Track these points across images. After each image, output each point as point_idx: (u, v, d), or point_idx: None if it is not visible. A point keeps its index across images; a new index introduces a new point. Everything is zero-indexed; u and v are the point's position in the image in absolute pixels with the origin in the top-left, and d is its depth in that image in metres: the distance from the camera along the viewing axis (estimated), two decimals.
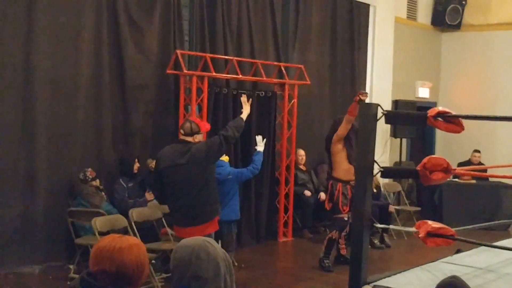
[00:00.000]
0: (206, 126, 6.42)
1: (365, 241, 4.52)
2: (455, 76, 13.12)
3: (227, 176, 6.95)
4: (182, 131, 5.92)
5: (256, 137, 7.45)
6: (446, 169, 4.54)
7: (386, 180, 10.65)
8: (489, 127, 12.10)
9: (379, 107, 4.55)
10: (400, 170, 5.93)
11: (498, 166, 9.71)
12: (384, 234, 9.17)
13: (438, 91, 13.14)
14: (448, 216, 10.15)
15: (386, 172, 4.87)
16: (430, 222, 4.62)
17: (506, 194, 10.63)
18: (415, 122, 5.53)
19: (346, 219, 7.56)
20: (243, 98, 6.43)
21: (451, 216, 10.15)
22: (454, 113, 4.57)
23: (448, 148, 12.62)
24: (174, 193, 5.85)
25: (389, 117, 4.66)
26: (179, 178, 5.76)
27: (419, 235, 4.53)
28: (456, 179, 10.98)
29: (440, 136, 12.88)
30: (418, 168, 4.58)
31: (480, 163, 10.92)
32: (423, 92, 12.69)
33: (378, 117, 4.53)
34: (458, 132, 4.62)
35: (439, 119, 4.52)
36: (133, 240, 2.41)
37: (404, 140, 11.91)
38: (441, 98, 13.02)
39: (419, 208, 10.81)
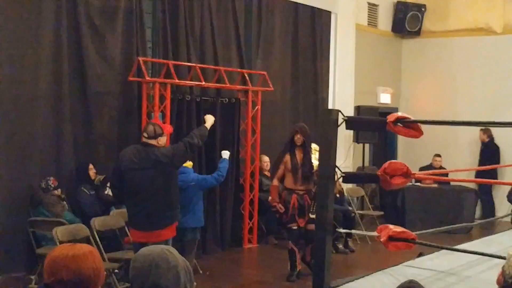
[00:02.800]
0: (168, 128, 6.40)
1: (327, 246, 4.56)
2: (415, 82, 13.31)
3: (190, 183, 6.92)
4: (145, 134, 5.89)
5: (223, 152, 7.37)
6: (406, 174, 4.62)
7: (350, 185, 10.73)
8: (449, 132, 12.29)
9: (339, 113, 4.60)
10: (361, 175, 6.00)
11: (458, 170, 9.89)
12: (348, 239, 9.23)
13: (399, 96, 13.30)
14: (411, 220, 10.27)
15: (347, 178, 4.93)
16: (391, 226, 4.69)
17: (467, 197, 10.79)
18: (375, 127, 5.61)
19: (295, 228, 7.38)
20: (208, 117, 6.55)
21: (414, 220, 10.27)
22: (413, 118, 4.65)
23: (410, 153, 12.76)
24: (135, 196, 5.82)
25: (350, 123, 4.72)
26: (141, 181, 5.74)
27: (381, 239, 4.59)
28: (418, 183, 11.12)
29: (402, 141, 13.03)
30: (378, 173, 4.65)
31: (441, 167, 11.07)
32: (385, 98, 12.83)
33: (339, 123, 4.58)
34: (417, 137, 4.70)
35: (399, 124, 4.60)
36: (86, 247, 2.40)
37: (366, 146, 12.02)
38: (402, 103, 13.18)
39: (382, 213, 10.92)
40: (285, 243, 9.52)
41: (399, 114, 4.71)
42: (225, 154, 7.20)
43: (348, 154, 11.52)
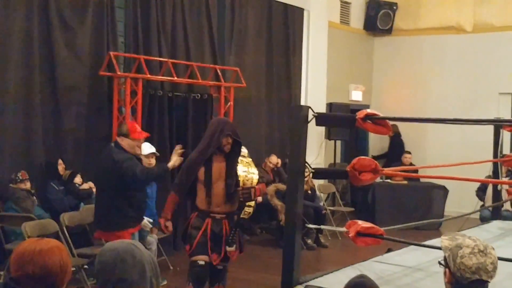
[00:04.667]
0: (140, 134, 6.09)
1: (297, 242, 4.57)
2: (387, 80, 13.42)
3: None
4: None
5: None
6: (375, 170, 4.65)
7: (321, 182, 10.79)
8: (419, 129, 12.41)
9: (310, 109, 4.62)
10: (330, 171, 6.04)
11: (427, 167, 10.00)
12: (319, 235, 9.28)
13: (371, 94, 13.40)
14: (381, 216, 10.36)
15: (317, 173, 4.97)
16: (360, 222, 4.72)
17: (436, 194, 10.92)
18: (345, 124, 5.65)
19: (201, 263, 5.26)
20: (177, 148, 5.92)
21: (384, 216, 10.36)
22: (382, 115, 4.69)
23: (381, 148, 12.90)
24: (97, 197, 5.91)
25: (320, 119, 4.74)
26: (99, 179, 5.85)
27: (349, 235, 4.62)
28: (388, 180, 11.22)
29: (373, 138, 13.14)
30: (347, 169, 4.68)
31: (411, 164, 11.19)
32: (356, 95, 12.92)
33: (309, 119, 4.61)
34: (386, 133, 4.75)
35: (368, 121, 4.63)
36: (54, 242, 2.40)
37: (338, 142, 12.10)
38: (373, 101, 13.29)
39: (353, 209, 11.00)
40: (256, 239, 9.63)
41: (369, 110, 4.74)
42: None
43: (320, 151, 11.59)
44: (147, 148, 7.09)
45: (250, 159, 6.04)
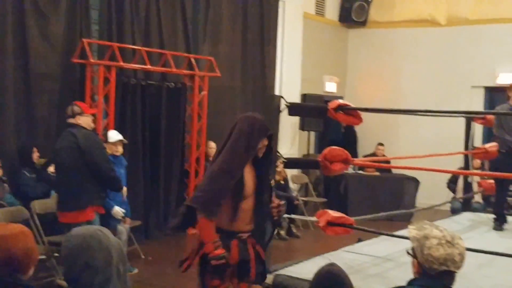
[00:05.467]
0: (90, 109, 6.31)
1: (267, 231, 4.57)
2: (361, 72, 13.48)
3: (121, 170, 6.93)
4: (65, 115, 5.88)
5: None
6: (345, 160, 4.70)
7: (294, 172, 10.83)
8: (392, 121, 12.51)
9: (282, 99, 4.64)
10: (302, 161, 6.06)
11: (399, 158, 10.09)
12: (291, 225, 9.32)
13: (345, 85, 13.45)
14: (353, 207, 10.41)
15: (289, 163, 4.99)
16: (330, 211, 4.77)
17: (408, 185, 11.02)
18: (317, 114, 5.68)
19: None
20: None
21: (356, 207, 10.41)
22: (353, 106, 4.73)
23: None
24: (57, 177, 5.97)
25: (292, 109, 4.78)
26: (59, 161, 5.83)
27: (320, 224, 4.66)
28: (361, 171, 11.30)
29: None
30: (319, 159, 4.72)
31: (384, 156, 11.26)
32: (331, 87, 12.95)
33: (281, 109, 4.62)
34: (357, 124, 4.80)
35: (340, 111, 4.67)
36: (19, 227, 2.40)
37: (312, 133, 12.15)
38: (347, 92, 13.33)
39: (325, 200, 11.06)
40: None
41: (340, 101, 4.78)
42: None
43: (294, 142, 11.65)
44: (114, 135, 7.08)
45: None
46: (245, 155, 3.87)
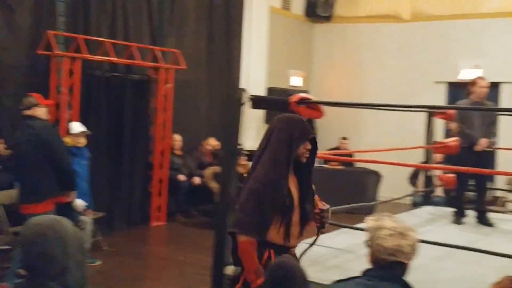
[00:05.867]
0: (46, 100, 6.27)
1: (228, 222, 4.62)
2: (326, 66, 13.57)
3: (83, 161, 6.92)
4: (20, 107, 5.84)
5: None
6: None
7: None
8: (356, 115, 12.64)
9: (244, 92, 4.68)
10: None
11: (361, 151, 10.21)
12: None
13: (311, 80, 13.53)
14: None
15: (251, 156, 5.01)
16: None
17: (370, 179, 11.14)
18: (279, 107, 5.71)
19: None
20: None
21: (322, 199, 10.49)
22: (314, 99, 4.79)
23: (319, 134, 13.06)
24: (16, 169, 5.95)
25: (255, 102, 4.81)
26: (19, 153, 5.79)
27: None
28: (325, 165, 11.40)
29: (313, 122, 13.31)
30: None
31: (347, 150, 11.37)
32: (296, 81, 13.03)
33: (243, 102, 4.66)
34: (318, 117, 4.86)
35: (301, 105, 4.72)
36: None
37: None
38: (313, 87, 13.41)
39: None
40: (193, 221, 9.66)
41: (302, 95, 4.84)
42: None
43: (259, 135, 11.68)
44: (77, 127, 7.05)
45: None
46: (287, 163, 3.43)
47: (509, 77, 11.39)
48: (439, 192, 9.20)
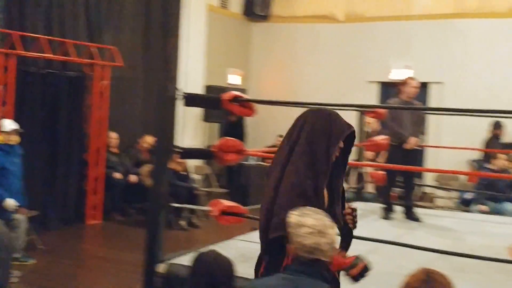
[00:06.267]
0: None
1: (160, 220, 4.67)
2: (264, 65, 13.69)
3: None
4: None
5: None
6: (239, 151, 4.84)
7: (197, 163, 10.94)
8: (293, 114, 12.66)
9: (177, 90, 4.74)
10: (197, 151, 6.12)
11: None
12: (192, 216, 9.42)
13: (249, 78, 13.63)
14: (254, 198, 10.62)
15: (184, 154, 5.09)
16: (223, 201, 4.90)
17: None
18: (212, 105, 5.79)
19: None
20: None
21: (257, 197, 10.59)
22: (247, 97, 4.88)
23: (257, 132, 13.18)
24: None
25: (188, 99, 4.87)
26: None
27: (213, 214, 4.79)
28: (263, 163, 11.51)
29: (250, 121, 13.40)
30: (213, 149, 4.84)
31: None
32: (234, 79, 13.11)
33: (176, 99, 4.71)
34: (250, 115, 4.96)
35: (234, 102, 4.81)
36: None
37: (216, 125, 12.30)
38: (251, 85, 13.53)
39: (227, 190, 11.22)
40: (129, 219, 9.63)
41: (235, 92, 4.93)
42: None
43: (197, 133, 11.75)
44: (8, 124, 6.96)
45: None
46: (327, 160, 3.10)
47: (437, 77, 11.75)
48: (370, 188, 9.46)
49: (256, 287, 2.75)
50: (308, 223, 2.67)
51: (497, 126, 10.61)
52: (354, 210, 3.28)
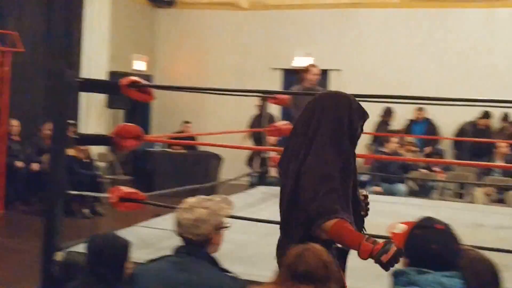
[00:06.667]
0: None
1: (58, 208, 4.62)
2: (171, 51, 13.65)
3: None
4: None
5: None
6: (138, 136, 4.86)
7: (101, 150, 10.82)
8: (198, 100, 12.83)
9: (74, 75, 4.70)
10: (94, 137, 6.04)
11: (200, 134, 10.47)
12: (95, 204, 9.31)
13: (155, 64, 13.56)
14: (160, 184, 10.57)
15: (81, 140, 5.06)
16: (122, 187, 4.92)
17: (212, 162, 11.37)
18: (110, 90, 5.78)
19: None
20: None
21: (163, 184, 10.57)
22: (145, 82, 4.91)
23: (163, 118, 13.17)
24: None
25: (84, 85, 4.84)
26: None
27: (111, 201, 4.80)
28: (169, 149, 11.53)
29: (156, 107, 13.36)
30: (111, 135, 4.84)
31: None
32: (140, 65, 13.01)
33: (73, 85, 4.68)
34: (149, 100, 4.99)
35: (132, 88, 4.83)
36: None
37: (121, 111, 12.18)
38: (157, 71, 13.47)
39: (131, 177, 11.13)
40: (32, 209, 9.42)
41: (133, 78, 4.94)
42: None
43: (100, 120, 11.60)
44: None
45: None
46: (352, 146, 3.00)
47: (337, 64, 12.11)
48: (273, 172, 9.63)
49: (142, 271, 2.80)
50: (187, 202, 2.82)
51: (387, 112, 11.20)
52: (366, 197, 3.22)
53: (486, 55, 11.38)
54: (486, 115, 10.72)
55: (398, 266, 2.44)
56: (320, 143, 2.87)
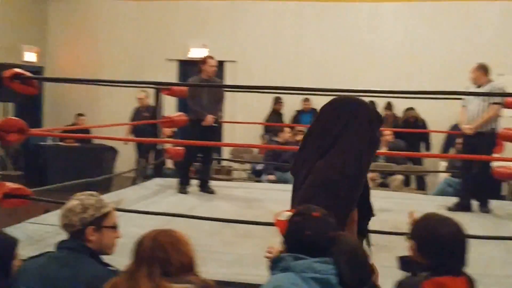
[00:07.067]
0: None
1: None
2: (63, 42, 13.24)
3: None
4: None
5: None
6: (22, 130, 4.71)
7: None
8: (92, 92, 12.54)
9: None
10: None
11: (93, 127, 10.28)
12: None
13: (46, 55, 13.13)
14: (53, 178, 10.27)
15: None
16: (7, 183, 4.76)
17: (107, 155, 11.16)
18: None
19: None
20: None
21: (56, 178, 10.28)
22: (29, 75, 4.76)
23: (56, 111, 12.80)
24: None
25: None
26: None
27: None
28: (62, 143, 11.21)
29: (49, 99, 12.98)
30: None
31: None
32: (30, 57, 12.56)
33: None
34: (34, 93, 4.85)
35: (16, 80, 4.67)
36: None
37: (11, 105, 11.76)
38: (49, 62, 13.06)
39: (21, 173, 10.77)
40: None
41: (17, 70, 4.79)
42: None
43: None
44: None
45: None
46: (370, 156, 3.00)
47: (232, 56, 12.15)
48: (169, 164, 9.60)
49: (23, 268, 2.73)
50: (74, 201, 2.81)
51: (277, 101, 11.52)
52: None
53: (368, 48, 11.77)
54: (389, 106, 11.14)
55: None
56: (338, 153, 2.91)
